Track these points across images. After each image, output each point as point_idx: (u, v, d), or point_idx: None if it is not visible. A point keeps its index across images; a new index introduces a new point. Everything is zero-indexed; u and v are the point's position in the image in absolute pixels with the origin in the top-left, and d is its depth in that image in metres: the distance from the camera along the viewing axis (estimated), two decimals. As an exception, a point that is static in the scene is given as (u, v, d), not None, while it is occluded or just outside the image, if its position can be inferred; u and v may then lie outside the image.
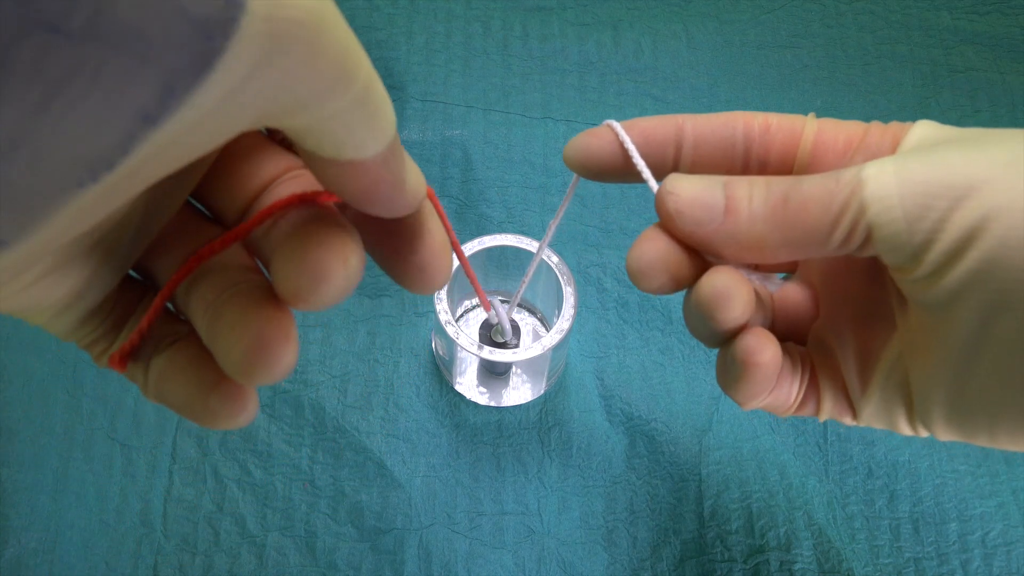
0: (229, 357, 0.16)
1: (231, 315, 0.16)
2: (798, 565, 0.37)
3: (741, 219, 0.20)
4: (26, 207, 0.12)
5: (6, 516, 0.36)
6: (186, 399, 0.17)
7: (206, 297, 0.17)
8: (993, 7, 0.53)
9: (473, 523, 0.38)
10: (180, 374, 0.17)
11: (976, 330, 0.19)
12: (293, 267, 0.16)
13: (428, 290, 0.19)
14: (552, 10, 0.51)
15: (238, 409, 0.17)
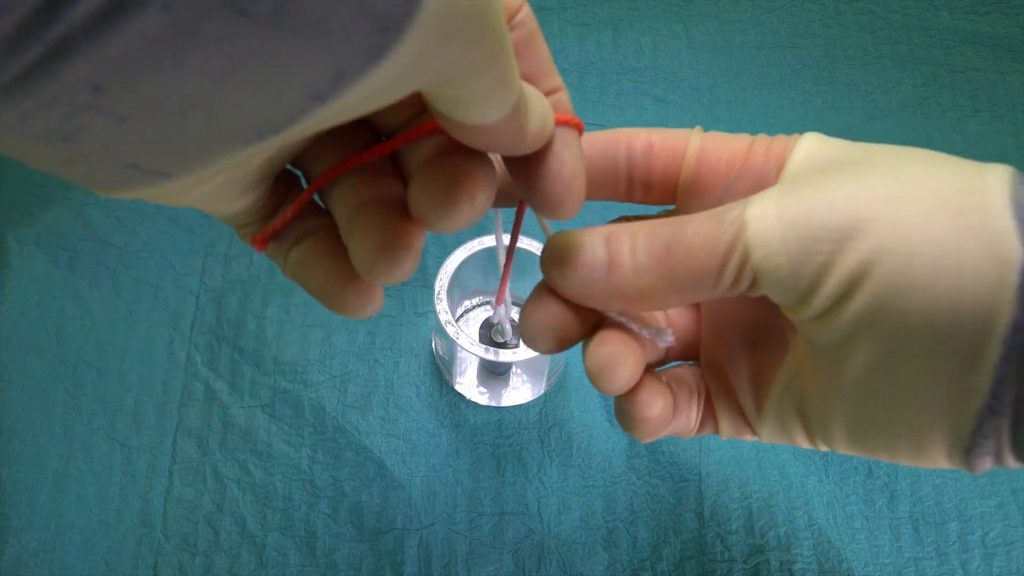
0: (356, 254, 0.18)
1: (366, 218, 0.18)
2: (798, 565, 0.37)
3: (626, 273, 0.20)
4: (192, 153, 0.13)
5: (6, 516, 0.36)
6: (320, 286, 0.19)
7: (349, 199, 0.18)
8: (993, 7, 0.53)
9: (473, 523, 0.38)
10: (317, 263, 0.19)
11: (869, 368, 0.18)
12: (426, 192, 0.17)
13: (558, 216, 0.19)
14: (552, 10, 0.51)
15: (365, 302, 0.19)
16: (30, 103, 0.12)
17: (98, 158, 0.13)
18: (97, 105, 0.12)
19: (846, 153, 0.20)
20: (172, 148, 0.13)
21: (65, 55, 0.11)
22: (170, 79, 0.12)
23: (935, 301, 0.17)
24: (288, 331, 0.41)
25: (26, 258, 0.41)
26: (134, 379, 0.40)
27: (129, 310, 0.41)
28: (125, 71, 0.11)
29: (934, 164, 0.19)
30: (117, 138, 0.13)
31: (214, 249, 0.43)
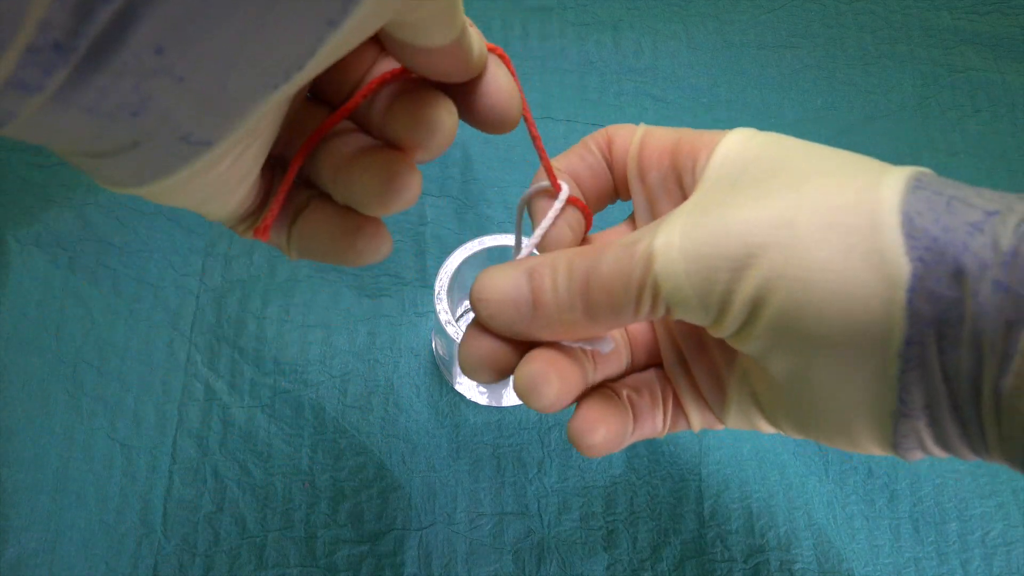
0: (368, 190, 0.19)
1: (363, 162, 0.19)
2: (798, 565, 0.37)
3: (550, 310, 0.21)
4: (231, 111, 0.15)
5: (6, 516, 0.36)
6: (332, 245, 0.20)
7: (334, 159, 0.20)
8: (993, 7, 0.53)
9: (473, 523, 0.38)
10: (321, 226, 0.20)
11: (791, 375, 0.19)
12: (411, 120, 0.19)
13: (503, 126, 0.21)
14: (552, 10, 0.51)
15: (378, 244, 0.20)
16: (105, 77, 0.13)
17: (158, 133, 0.14)
18: (161, 68, 0.13)
19: (761, 160, 0.21)
20: (218, 106, 0.15)
21: (130, 20, 0.12)
22: (219, 26, 0.13)
23: (832, 322, 0.18)
24: (288, 331, 0.41)
25: (26, 258, 0.41)
26: (134, 379, 0.40)
27: (129, 310, 0.41)
28: (182, 27, 0.13)
29: (835, 176, 0.19)
30: (176, 103, 0.14)
31: (214, 249, 0.43)
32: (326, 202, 0.21)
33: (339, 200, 0.20)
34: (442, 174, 0.44)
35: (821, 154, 0.20)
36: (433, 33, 0.17)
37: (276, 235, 0.21)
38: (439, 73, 0.19)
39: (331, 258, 0.21)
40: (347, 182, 0.20)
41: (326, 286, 0.42)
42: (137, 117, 0.14)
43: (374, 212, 0.19)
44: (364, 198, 0.19)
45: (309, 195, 0.21)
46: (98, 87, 0.13)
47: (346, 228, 0.20)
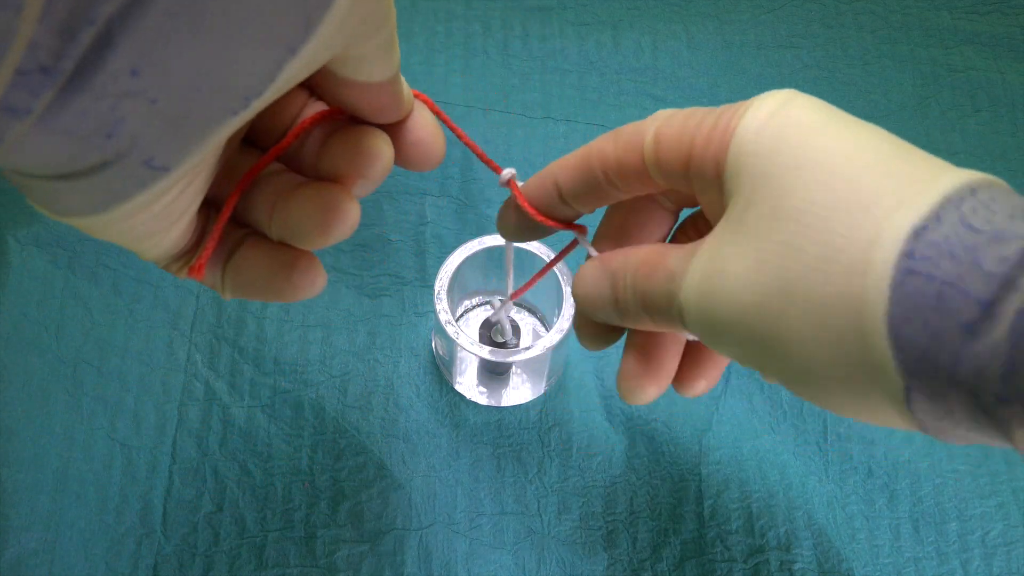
0: (308, 221, 0.20)
1: (302, 194, 0.20)
2: (798, 565, 0.37)
3: (622, 307, 0.23)
4: (190, 136, 0.16)
5: (6, 516, 0.36)
6: (268, 280, 0.21)
7: (269, 196, 0.21)
8: (993, 7, 0.53)
9: (473, 523, 0.38)
10: (259, 263, 0.21)
11: None
12: (350, 150, 0.20)
13: (428, 163, 0.22)
14: (552, 10, 0.51)
15: (313, 277, 0.21)
16: (84, 99, 0.13)
17: (127, 156, 0.15)
18: (136, 90, 0.14)
19: (776, 165, 0.20)
20: (182, 130, 0.15)
21: (109, 42, 0.13)
22: (190, 48, 0.14)
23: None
24: (288, 331, 0.41)
25: (26, 258, 0.41)
26: (134, 379, 0.40)
27: (129, 310, 0.41)
28: (156, 49, 0.13)
29: (835, 219, 0.18)
30: (146, 125, 0.15)
31: (214, 249, 0.43)
32: (260, 240, 0.21)
33: (275, 236, 0.21)
34: (442, 174, 0.44)
35: (840, 153, 0.19)
36: (374, 68, 0.18)
37: (210, 274, 0.21)
38: (374, 111, 0.20)
39: (267, 293, 0.21)
40: (285, 216, 0.20)
41: (326, 286, 0.42)
42: (111, 139, 0.14)
43: (313, 244, 0.20)
44: (303, 230, 0.20)
45: (243, 234, 0.21)
46: (78, 109, 0.14)
47: (282, 263, 0.21)
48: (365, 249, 0.43)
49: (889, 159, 0.18)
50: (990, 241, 0.16)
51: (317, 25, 0.15)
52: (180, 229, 0.19)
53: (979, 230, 0.17)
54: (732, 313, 0.19)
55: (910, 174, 0.18)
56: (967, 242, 0.17)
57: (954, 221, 0.17)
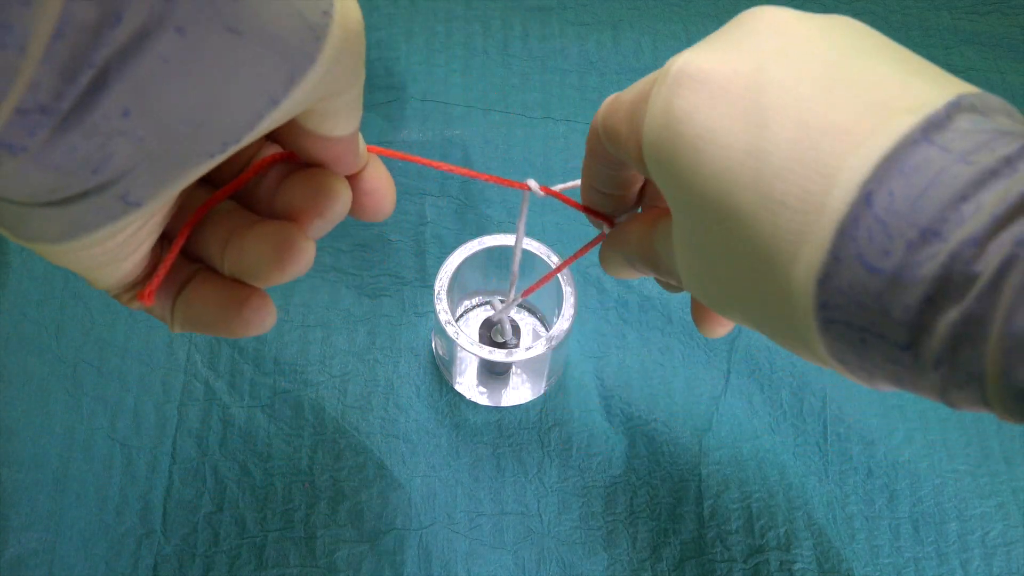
0: (263, 259, 0.20)
1: (256, 233, 0.20)
2: (798, 565, 0.37)
3: (641, 272, 0.27)
4: (168, 175, 0.16)
5: (6, 516, 0.36)
6: (219, 314, 0.21)
7: (222, 232, 0.21)
8: (993, 7, 0.53)
9: (473, 523, 0.38)
10: (209, 298, 0.21)
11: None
12: (309, 189, 0.21)
13: (380, 212, 0.23)
14: (552, 10, 0.51)
15: (265, 314, 0.21)
16: (77, 136, 0.14)
17: (107, 191, 0.15)
18: (126, 129, 0.14)
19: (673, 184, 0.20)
20: (161, 169, 0.16)
21: (104, 82, 0.13)
22: (180, 92, 0.14)
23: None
24: (288, 331, 0.41)
25: (26, 258, 0.41)
26: (134, 379, 0.40)
27: (129, 310, 0.41)
28: (148, 91, 0.14)
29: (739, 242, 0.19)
30: (131, 163, 0.15)
31: (214, 249, 0.43)
32: (212, 275, 0.22)
33: (227, 272, 0.21)
34: (442, 174, 0.44)
35: (733, 156, 0.19)
36: (339, 123, 0.19)
37: (160, 307, 0.22)
38: (332, 162, 0.21)
39: (216, 328, 0.21)
40: (239, 252, 0.21)
41: (326, 286, 0.42)
42: (96, 174, 0.15)
43: (267, 281, 0.20)
44: (258, 267, 0.20)
45: (195, 269, 0.22)
46: (69, 146, 0.14)
47: (233, 299, 0.21)
48: (365, 249, 0.43)
49: (794, 143, 0.18)
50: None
51: (300, 80, 0.16)
52: (135, 261, 0.20)
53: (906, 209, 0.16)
54: (710, 298, 0.22)
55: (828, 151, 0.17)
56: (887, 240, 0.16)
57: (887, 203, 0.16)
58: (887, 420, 0.41)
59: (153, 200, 0.16)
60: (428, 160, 0.25)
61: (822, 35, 0.19)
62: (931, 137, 0.16)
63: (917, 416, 0.41)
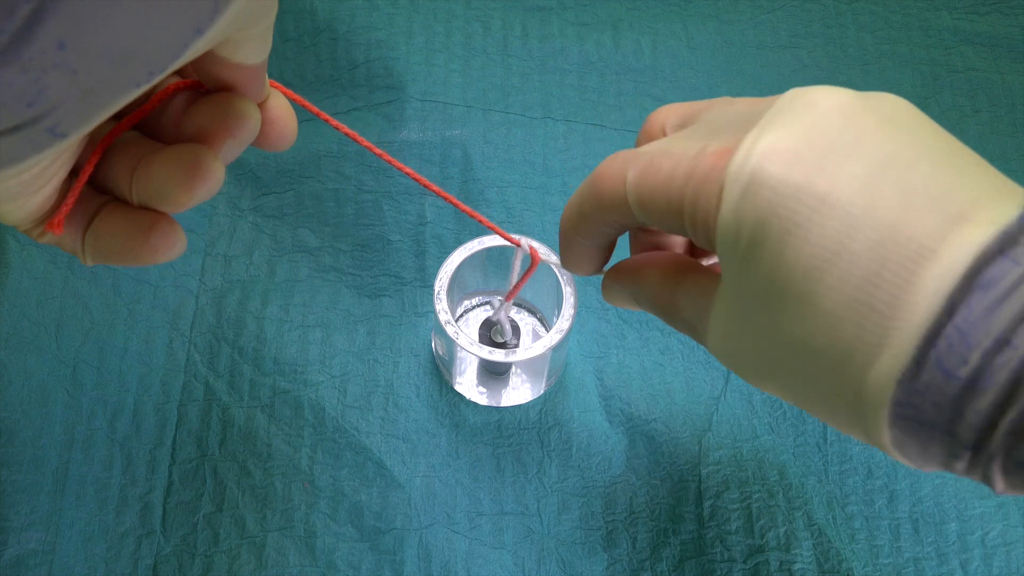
0: (171, 180, 0.20)
1: (164, 156, 0.21)
2: (798, 565, 0.37)
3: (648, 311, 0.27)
4: (96, 106, 0.16)
5: (6, 516, 0.36)
6: (128, 242, 0.21)
7: (128, 162, 0.21)
8: (993, 7, 0.53)
9: (473, 523, 0.38)
10: (117, 226, 0.21)
11: None
12: (220, 110, 0.21)
13: (283, 140, 0.23)
14: (552, 10, 0.51)
15: (173, 239, 0.21)
16: (12, 71, 0.14)
17: (38, 123, 0.16)
18: (61, 62, 0.14)
19: (755, 258, 0.21)
20: (90, 101, 0.16)
21: (41, 16, 0.13)
22: (112, 22, 0.14)
23: None
24: (288, 331, 0.41)
25: (26, 258, 0.41)
26: (134, 379, 0.40)
27: (129, 310, 0.41)
28: (82, 23, 0.14)
29: (824, 333, 0.20)
30: (64, 96, 0.15)
31: (214, 249, 0.43)
32: (120, 205, 0.22)
33: (136, 200, 0.21)
34: (442, 174, 0.44)
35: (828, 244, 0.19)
36: (252, 52, 0.20)
37: (71, 239, 0.22)
38: (240, 89, 0.21)
39: (127, 256, 0.22)
40: (146, 177, 0.21)
41: (325, 286, 0.42)
42: (30, 108, 0.15)
43: (176, 204, 0.21)
44: (166, 190, 0.21)
45: (103, 200, 0.22)
46: (6, 81, 0.14)
47: (140, 226, 0.21)
48: (365, 249, 0.43)
49: (891, 226, 0.19)
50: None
51: (224, 10, 0.16)
52: (46, 194, 0.20)
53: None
54: (748, 371, 0.22)
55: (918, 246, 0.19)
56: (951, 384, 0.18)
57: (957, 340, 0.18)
58: (887, 420, 0.41)
59: (79, 131, 0.17)
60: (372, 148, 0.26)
61: (880, 125, 0.20)
62: (1007, 251, 0.18)
63: (917, 416, 0.41)
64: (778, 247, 0.19)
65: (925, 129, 0.20)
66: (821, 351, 0.19)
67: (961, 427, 0.18)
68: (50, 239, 0.22)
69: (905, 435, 0.19)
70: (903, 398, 0.18)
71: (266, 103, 0.23)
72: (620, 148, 0.39)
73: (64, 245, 0.22)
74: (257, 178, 0.44)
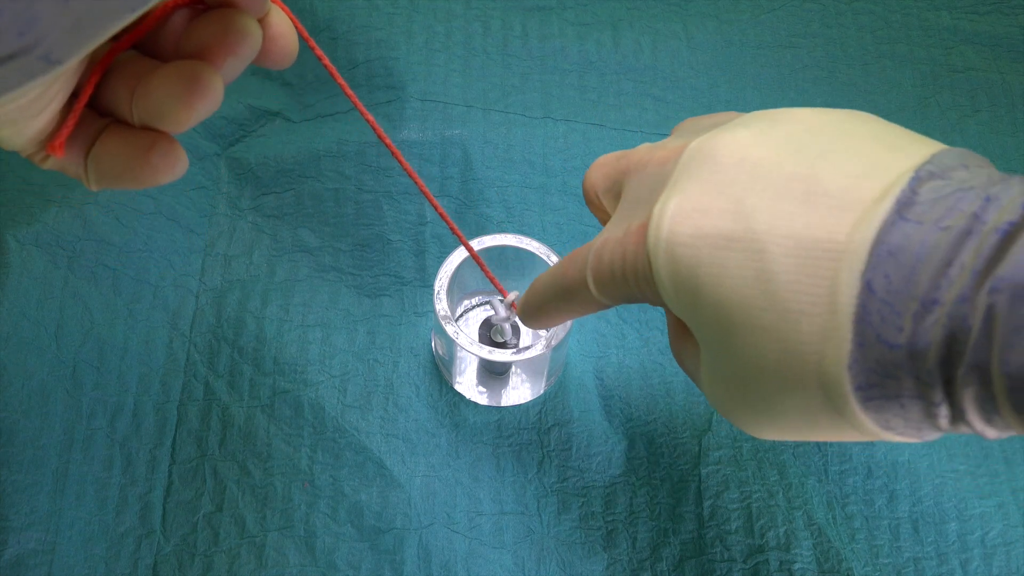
0: (170, 99, 0.20)
1: (163, 73, 0.20)
2: (798, 565, 0.37)
3: None
4: (90, 32, 0.16)
5: (6, 516, 0.36)
6: (128, 163, 0.21)
7: (128, 83, 0.21)
8: (993, 7, 0.53)
9: (473, 523, 0.38)
10: (118, 147, 0.21)
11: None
12: (220, 27, 0.20)
13: (285, 57, 0.23)
14: (552, 10, 0.51)
15: (173, 159, 0.21)
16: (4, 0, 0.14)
17: (30, 51, 0.16)
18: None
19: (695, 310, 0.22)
20: (83, 28, 0.16)
21: None
22: None
23: None
24: (287, 331, 0.41)
25: (26, 258, 0.41)
26: (134, 379, 0.40)
27: (129, 310, 0.41)
28: None
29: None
30: (55, 24, 0.15)
31: (214, 249, 0.43)
32: (122, 126, 0.22)
33: (136, 120, 0.21)
34: (442, 174, 0.44)
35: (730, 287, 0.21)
36: None
37: (74, 163, 0.22)
38: (240, 6, 0.21)
39: (128, 177, 0.21)
40: (146, 95, 0.21)
41: (325, 286, 0.42)
42: (22, 36, 0.15)
43: (176, 121, 0.20)
44: (164, 106, 0.20)
45: (105, 123, 0.22)
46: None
47: (140, 146, 0.21)
48: (365, 249, 0.43)
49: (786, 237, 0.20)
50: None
51: None
52: (46, 119, 0.20)
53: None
54: (737, 417, 0.23)
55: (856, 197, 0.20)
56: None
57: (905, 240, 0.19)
58: (887, 420, 0.41)
59: (73, 58, 0.17)
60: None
61: (779, 148, 0.21)
62: (905, 215, 0.18)
63: (917, 416, 0.41)
64: (712, 291, 0.21)
65: (825, 127, 0.22)
66: (776, 368, 0.20)
67: (922, 389, 0.18)
68: (53, 164, 0.21)
69: (884, 413, 0.19)
70: (861, 381, 0.19)
71: (267, 19, 0.23)
72: (620, 148, 0.39)
73: (68, 170, 0.22)
74: (257, 178, 0.44)
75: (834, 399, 0.20)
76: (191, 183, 0.44)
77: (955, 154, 0.20)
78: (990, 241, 0.17)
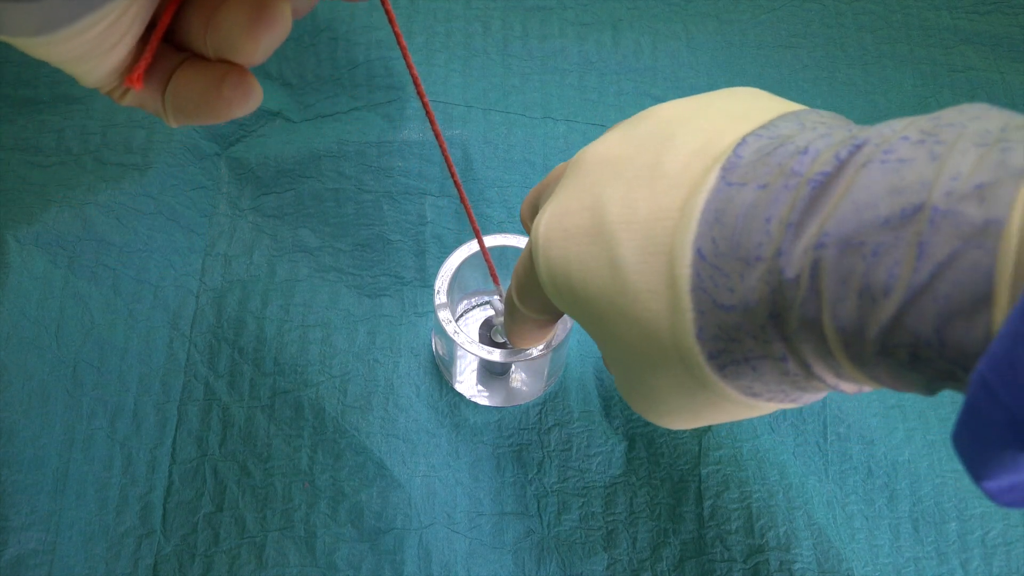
0: (237, 28, 0.19)
1: (232, 2, 0.20)
2: (798, 565, 0.37)
3: None
4: None
5: (6, 516, 0.36)
6: (202, 96, 0.21)
7: (203, 14, 0.21)
8: (993, 7, 0.53)
9: (473, 523, 0.38)
10: (193, 81, 0.21)
11: None
12: None
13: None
14: (552, 10, 0.51)
15: (246, 90, 0.21)
16: None
17: None
18: None
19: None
20: None
21: None
22: None
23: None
24: (288, 331, 0.41)
25: (26, 258, 0.41)
26: (134, 379, 0.40)
27: (129, 310, 0.41)
28: None
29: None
30: None
31: (214, 249, 0.43)
32: (198, 60, 0.22)
33: (211, 53, 0.21)
34: (442, 174, 0.44)
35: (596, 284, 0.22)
36: None
37: (152, 98, 0.22)
38: None
39: (203, 111, 0.21)
40: (216, 27, 0.20)
41: (326, 286, 0.42)
42: None
43: (244, 51, 0.20)
44: (232, 37, 0.20)
45: (182, 58, 0.22)
46: None
47: (213, 78, 0.21)
48: (365, 249, 0.43)
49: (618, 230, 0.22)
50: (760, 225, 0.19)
51: None
52: (120, 54, 0.19)
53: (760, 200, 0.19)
54: (639, 406, 0.25)
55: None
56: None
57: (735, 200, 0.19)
58: (887, 420, 0.41)
59: None
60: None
61: (639, 145, 0.22)
62: (729, 180, 0.19)
63: (917, 416, 0.41)
64: (581, 286, 0.22)
65: (684, 114, 0.22)
66: (642, 351, 0.21)
67: (767, 347, 0.19)
68: (132, 99, 0.21)
69: (740, 380, 0.20)
70: (712, 348, 0.19)
71: None
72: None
73: (147, 105, 0.22)
74: (257, 178, 0.44)
75: (695, 372, 0.20)
76: (191, 183, 0.44)
77: (802, 114, 0.21)
78: (803, 193, 0.17)
